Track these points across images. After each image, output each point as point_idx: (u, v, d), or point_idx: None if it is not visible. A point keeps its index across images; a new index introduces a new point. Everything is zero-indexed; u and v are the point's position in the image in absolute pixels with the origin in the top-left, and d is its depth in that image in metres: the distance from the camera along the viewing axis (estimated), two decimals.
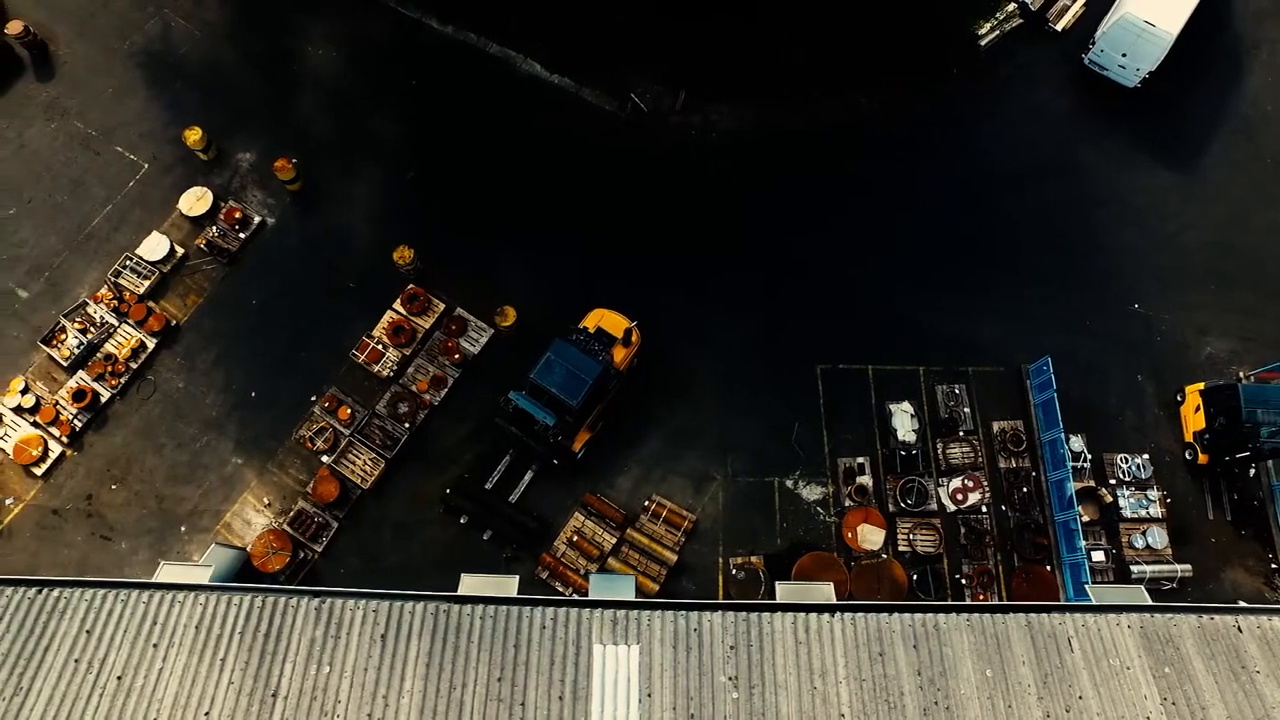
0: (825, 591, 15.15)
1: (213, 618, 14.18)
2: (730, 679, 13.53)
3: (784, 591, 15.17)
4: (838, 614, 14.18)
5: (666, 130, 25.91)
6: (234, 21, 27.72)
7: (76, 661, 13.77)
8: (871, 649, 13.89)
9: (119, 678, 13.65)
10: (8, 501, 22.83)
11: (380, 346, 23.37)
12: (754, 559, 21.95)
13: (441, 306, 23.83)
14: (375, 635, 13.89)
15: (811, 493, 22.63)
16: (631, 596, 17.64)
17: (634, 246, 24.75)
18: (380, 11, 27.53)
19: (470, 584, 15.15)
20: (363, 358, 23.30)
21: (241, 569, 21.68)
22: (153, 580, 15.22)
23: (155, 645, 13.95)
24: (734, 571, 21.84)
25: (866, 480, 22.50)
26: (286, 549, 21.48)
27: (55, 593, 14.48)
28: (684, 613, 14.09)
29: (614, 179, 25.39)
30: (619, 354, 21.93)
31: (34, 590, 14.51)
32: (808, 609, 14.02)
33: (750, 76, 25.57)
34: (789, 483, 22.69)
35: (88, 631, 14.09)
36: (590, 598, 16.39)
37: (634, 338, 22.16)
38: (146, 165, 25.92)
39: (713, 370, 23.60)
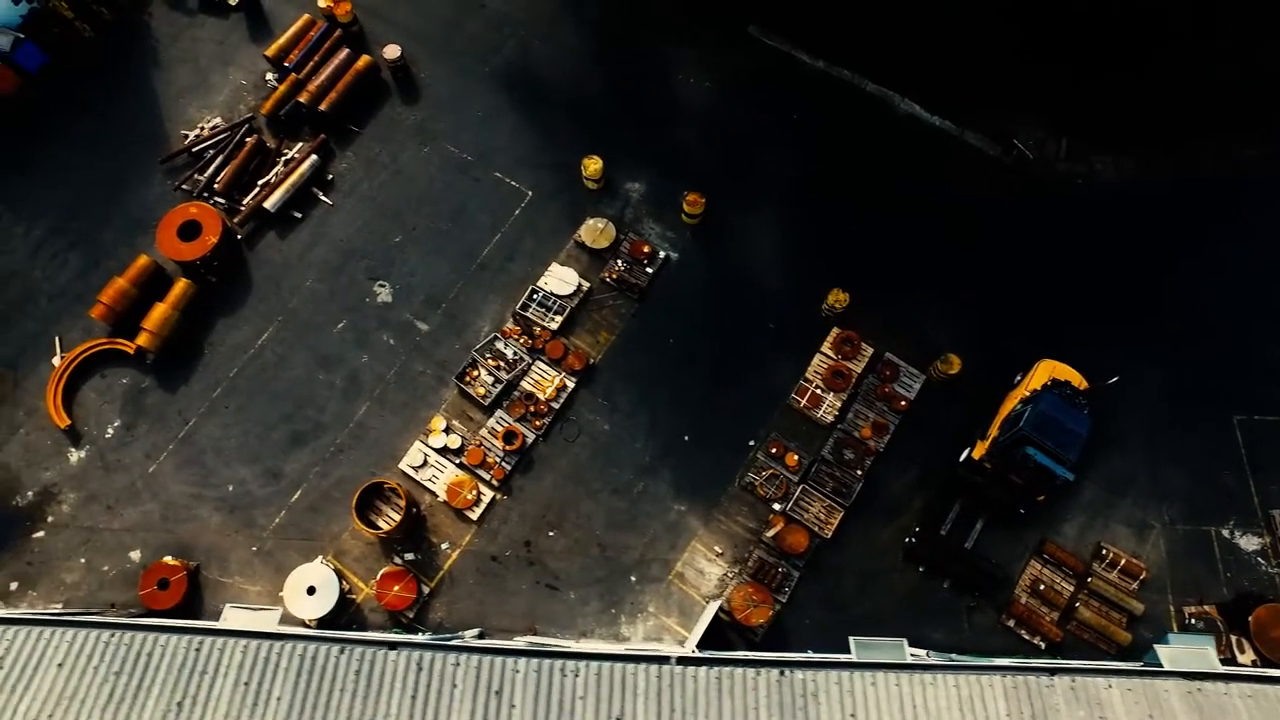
0: None
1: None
2: None
3: None
4: None
5: (1053, 178, 25.95)
6: (593, 45, 27.03)
7: None
8: None
9: None
10: (444, 546, 21.95)
11: (818, 391, 23.04)
12: (1208, 608, 22.30)
13: (870, 351, 23.56)
14: None
15: (1249, 543, 22.99)
16: (1215, 660, 17.83)
17: (1034, 296, 24.64)
18: (748, 42, 27.08)
19: None
20: (803, 402, 22.93)
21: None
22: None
23: None
24: (1190, 620, 22.14)
25: None
26: (767, 601, 21.00)
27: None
28: None
29: (1007, 226, 25.27)
30: None
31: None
32: None
33: (1131, 125, 25.81)
34: (1225, 532, 23.05)
35: None
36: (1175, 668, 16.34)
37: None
38: (530, 193, 25.10)
39: (1133, 418, 23.73)
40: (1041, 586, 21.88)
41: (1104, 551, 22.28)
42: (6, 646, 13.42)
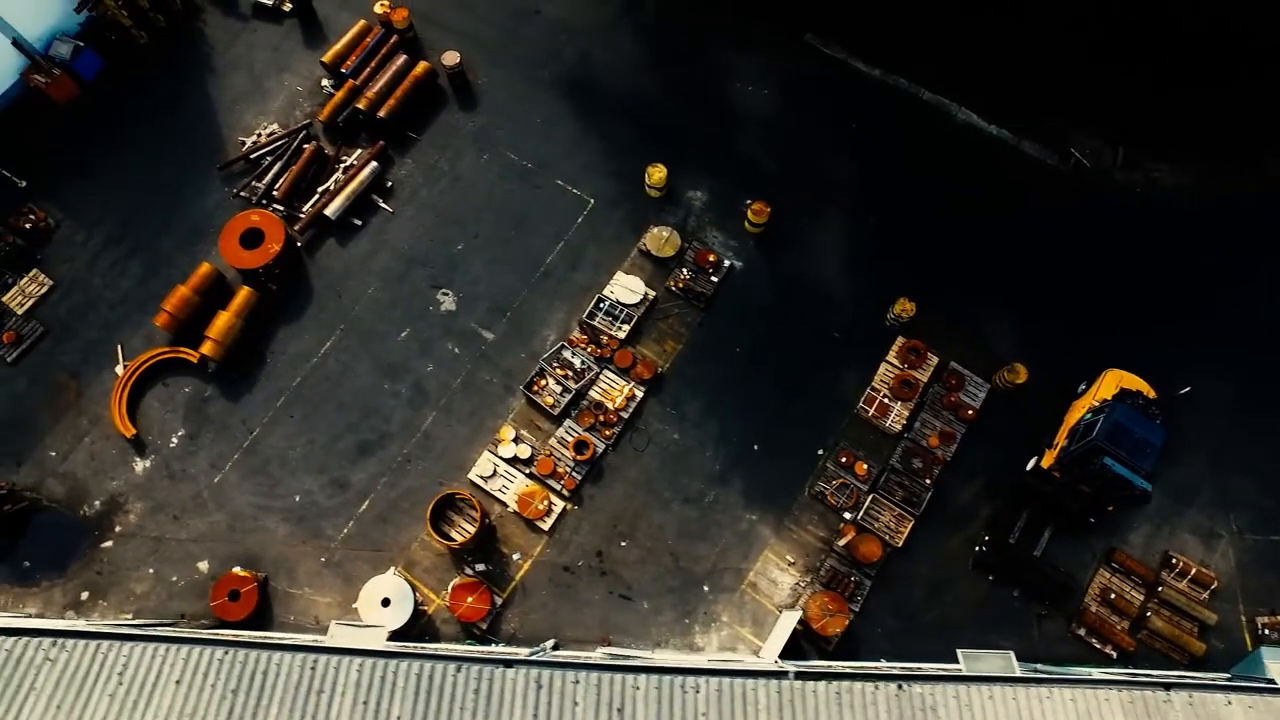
0: None
1: None
2: None
3: None
4: None
5: (1111, 187, 25.96)
6: (651, 52, 26.93)
7: None
8: None
9: None
10: (515, 556, 21.82)
11: (886, 400, 23.02)
12: None
13: (935, 360, 23.55)
14: None
15: None
16: None
17: (1096, 304, 24.58)
18: (805, 50, 27.03)
19: None
20: (871, 411, 22.90)
21: None
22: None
23: None
24: (1264, 631, 22.19)
25: None
26: (843, 610, 20.97)
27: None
28: None
29: (1066, 235, 25.19)
30: None
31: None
32: None
33: (1193, 135, 25.83)
34: None
35: None
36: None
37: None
38: (592, 201, 25.01)
39: (1197, 427, 23.74)
40: (1112, 595, 21.90)
41: (1173, 560, 22.29)
42: (125, 662, 13.27)
